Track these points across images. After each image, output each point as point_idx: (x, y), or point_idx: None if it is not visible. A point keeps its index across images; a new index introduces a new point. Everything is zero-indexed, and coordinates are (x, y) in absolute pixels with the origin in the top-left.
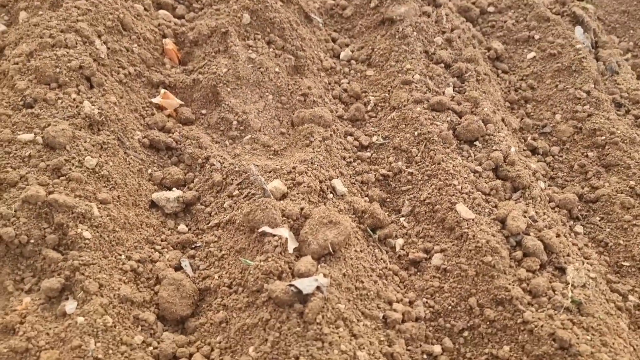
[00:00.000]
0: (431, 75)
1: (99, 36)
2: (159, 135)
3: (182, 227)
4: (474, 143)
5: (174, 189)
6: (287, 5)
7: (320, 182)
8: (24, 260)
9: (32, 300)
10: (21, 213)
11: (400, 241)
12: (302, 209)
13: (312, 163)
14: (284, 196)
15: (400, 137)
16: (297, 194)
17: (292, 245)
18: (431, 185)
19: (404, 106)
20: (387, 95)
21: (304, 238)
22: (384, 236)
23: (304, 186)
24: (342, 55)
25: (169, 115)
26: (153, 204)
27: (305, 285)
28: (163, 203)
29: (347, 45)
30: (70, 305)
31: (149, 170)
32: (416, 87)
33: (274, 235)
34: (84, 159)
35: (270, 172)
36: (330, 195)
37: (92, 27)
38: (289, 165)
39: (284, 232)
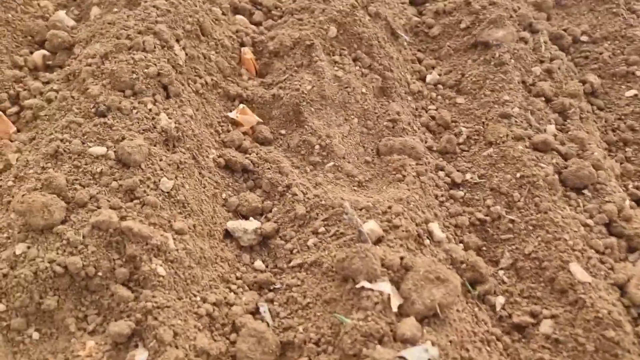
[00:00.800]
0: (532, 110)
1: (177, 40)
2: (235, 155)
3: (258, 263)
4: (582, 191)
5: (251, 218)
6: (375, 20)
7: (417, 225)
8: (89, 295)
9: (97, 345)
10: (90, 240)
11: (500, 299)
12: (402, 258)
13: (408, 203)
14: (379, 240)
15: (499, 178)
16: (395, 239)
17: (395, 303)
18: (537, 237)
19: (503, 142)
20: (481, 127)
21: (407, 295)
22: (483, 292)
23: (402, 230)
24: (428, 78)
25: (244, 133)
26: (227, 234)
27: (416, 356)
28: (239, 234)
29: (433, 68)
30: (140, 357)
31: (224, 195)
32: (516, 121)
33: (374, 290)
34: (159, 181)
35: (361, 209)
36: (427, 242)
37: (171, 30)
38: (383, 204)
39: (386, 287)
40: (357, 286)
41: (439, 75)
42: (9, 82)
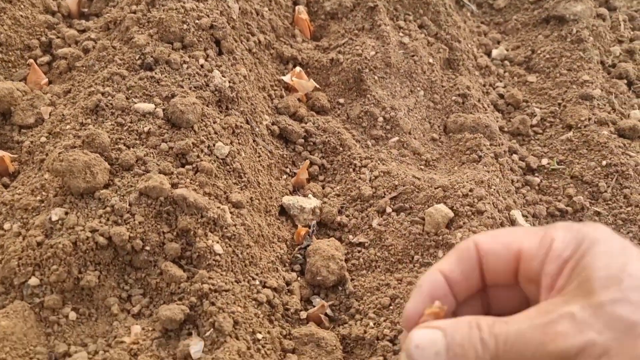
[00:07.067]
0: (615, 93)
1: None
2: (291, 123)
3: None
4: None
5: (309, 195)
6: None
7: (499, 211)
8: (134, 273)
9: (144, 331)
10: (137, 209)
11: None
12: None
13: (489, 186)
14: (456, 225)
15: (582, 165)
16: (480, 225)
17: None
18: (627, 233)
19: (585, 126)
20: (557, 109)
21: None
22: None
23: (488, 217)
24: (494, 53)
25: (299, 100)
26: (282, 211)
27: None
28: (295, 212)
29: (498, 42)
30: (195, 347)
31: (278, 166)
32: (598, 104)
33: None
34: (214, 145)
35: (437, 188)
36: None
37: None
38: (464, 186)
39: None
40: None
41: (506, 50)
42: (41, 28)
